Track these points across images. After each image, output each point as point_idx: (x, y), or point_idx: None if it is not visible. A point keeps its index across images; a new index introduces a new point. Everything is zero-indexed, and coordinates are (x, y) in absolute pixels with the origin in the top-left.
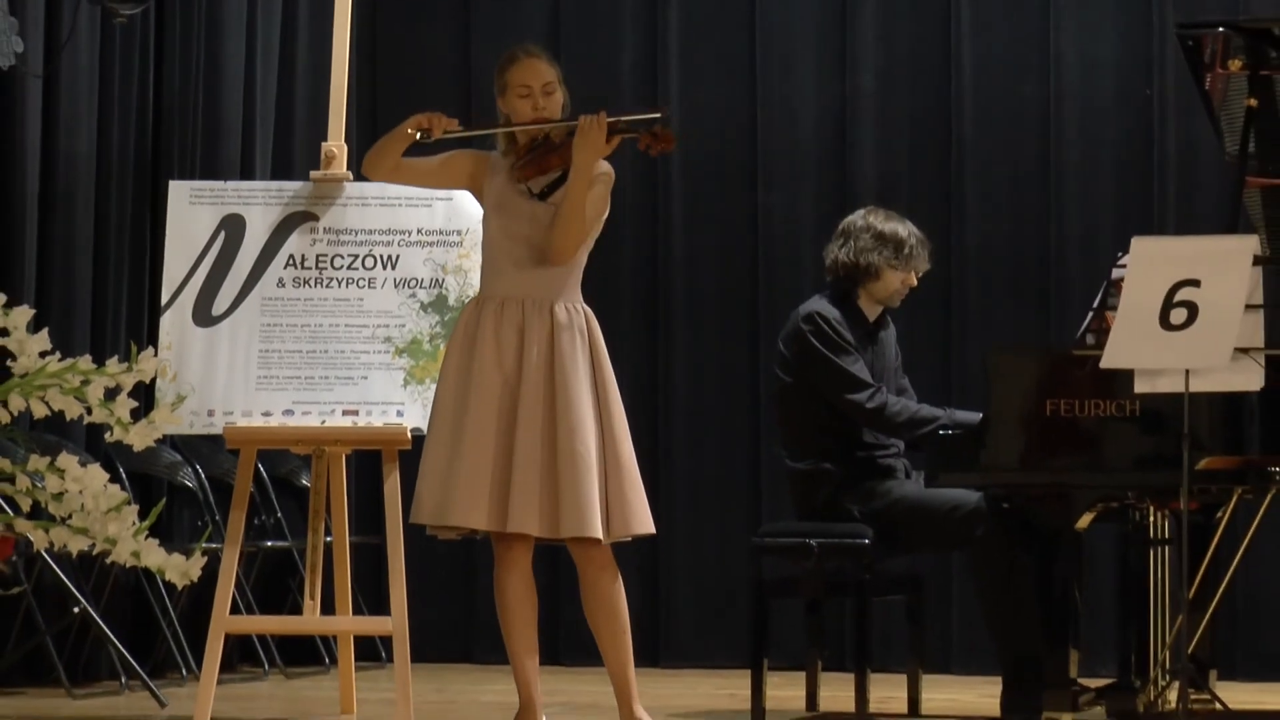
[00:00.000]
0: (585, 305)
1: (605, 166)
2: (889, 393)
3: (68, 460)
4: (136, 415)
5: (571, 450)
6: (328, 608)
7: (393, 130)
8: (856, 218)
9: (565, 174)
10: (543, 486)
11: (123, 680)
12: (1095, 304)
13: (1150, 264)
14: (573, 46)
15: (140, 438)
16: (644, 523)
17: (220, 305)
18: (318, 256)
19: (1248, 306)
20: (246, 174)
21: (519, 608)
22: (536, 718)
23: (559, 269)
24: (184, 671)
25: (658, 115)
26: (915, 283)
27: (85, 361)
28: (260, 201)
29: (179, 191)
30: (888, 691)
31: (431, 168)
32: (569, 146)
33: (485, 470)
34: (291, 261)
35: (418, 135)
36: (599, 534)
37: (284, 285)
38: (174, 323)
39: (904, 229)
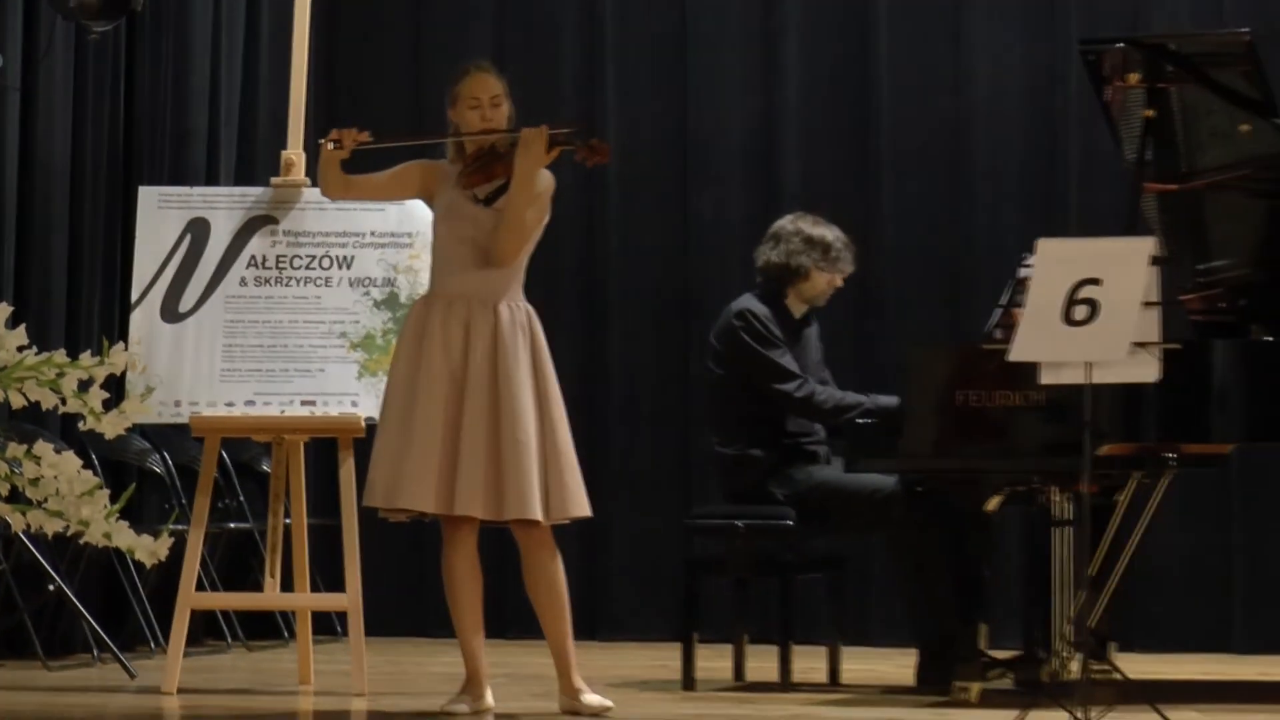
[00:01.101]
0: (527, 304)
1: (547, 175)
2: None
3: (44, 448)
4: (108, 405)
5: (514, 439)
6: (287, 585)
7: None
8: (786, 222)
9: (509, 182)
10: (487, 472)
11: (95, 653)
12: (1003, 301)
13: (1054, 264)
14: (517, 62)
15: (112, 426)
16: (581, 506)
17: (186, 303)
18: (278, 257)
19: (1145, 303)
20: (211, 180)
21: (465, 585)
22: (483, 688)
23: (503, 270)
24: (153, 645)
25: (571, 130)
26: (841, 284)
27: (60, 355)
28: (224, 206)
29: (148, 197)
30: (810, 663)
31: (383, 181)
32: (510, 159)
33: (433, 457)
34: (253, 262)
35: (330, 146)
36: (539, 516)
37: (246, 284)
38: (143, 319)
39: (831, 233)
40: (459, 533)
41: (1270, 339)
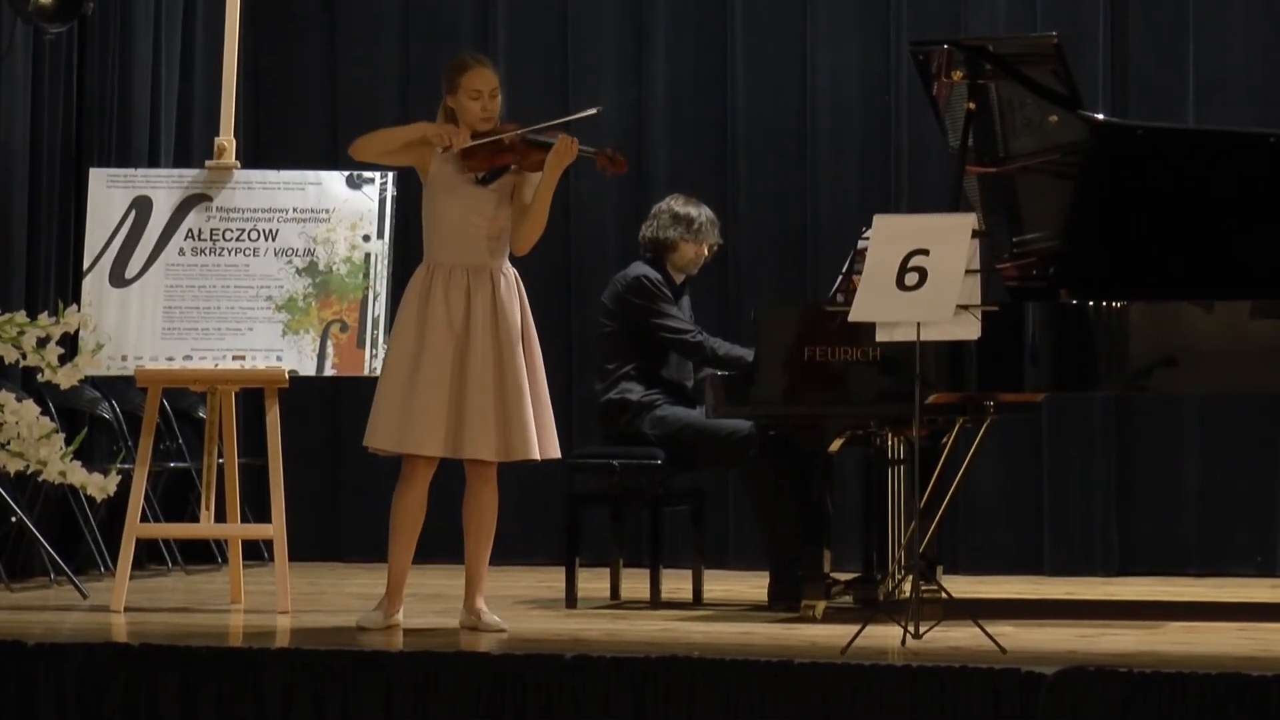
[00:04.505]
0: (514, 269)
1: None
2: None
3: (6, 396)
4: (63, 360)
5: (517, 387)
6: (220, 516)
7: (403, 128)
8: (662, 203)
9: (507, 168)
10: (496, 420)
11: (52, 576)
12: (844, 269)
13: (888, 236)
14: (420, 62)
15: (66, 378)
16: (556, 449)
17: (132, 270)
18: (211, 230)
19: (967, 271)
20: (153, 162)
21: (412, 518)
22: (399, 604)
23: (495, 243)
24: (102, 569)
25: (594, 111)
26: (707, 254)
27: (21, 316)
28: (164, 185)
29: (98, 177)
30: (676, 584)
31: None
32: (521, 150)
33: (440, 408)
34: (190, 234)
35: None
36: (537, 456)
37: (184, 254)
38: (94, 284)
39: (696, 210)
40: (418, 471)
41: (1075, 302)
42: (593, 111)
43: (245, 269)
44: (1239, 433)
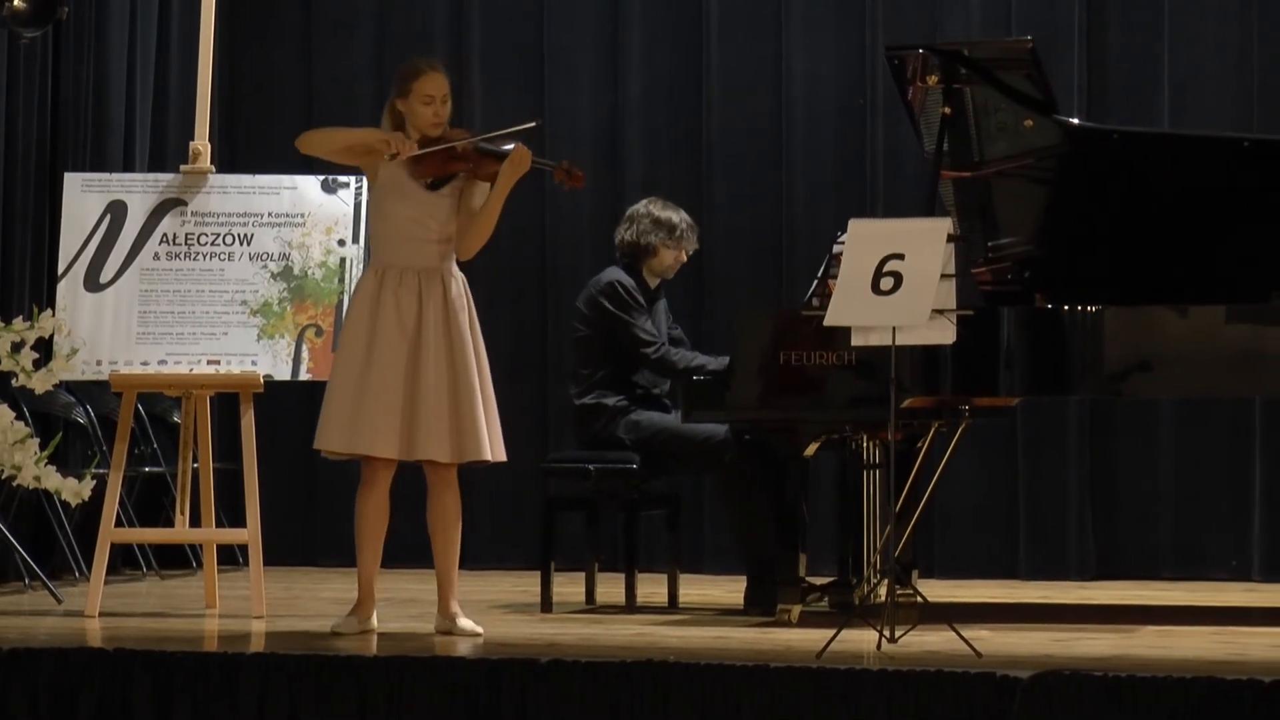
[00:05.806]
0: (462, 274)
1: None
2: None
3: None
4: (38, 364)
5: (469, 389)
6: (195, 521)
7: (350, 131)
8: (640, 205)
9: (459, 174)
10: (449, 422)
11: (26, 581)
12: (819, 274)
13: (864, 241)
14: (396, 66)
15: (41, 383)
16: (503, 452)
17: (106, 274)
18: (186, 235)
19: (943, 275)
20: (128, 167)
21: (375, 521)
22: (372, 609)
23: (445, 247)
24: (77, 574)
25: (533, 125)
26: (685, 259)
27: None
28: (139, 190)
29: (72, 181)
30: (652, 588)
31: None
32: (473, 159)
33: (393, 411)
34: (165, 239)
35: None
36: (489, 457)
37: (159, 258)
38: (68, 289)
39: (676, 216)
40: (378, 475)
41: (1050, 307)
42: (532, 125)
43: (220, 273)
44: (1213, 437)
